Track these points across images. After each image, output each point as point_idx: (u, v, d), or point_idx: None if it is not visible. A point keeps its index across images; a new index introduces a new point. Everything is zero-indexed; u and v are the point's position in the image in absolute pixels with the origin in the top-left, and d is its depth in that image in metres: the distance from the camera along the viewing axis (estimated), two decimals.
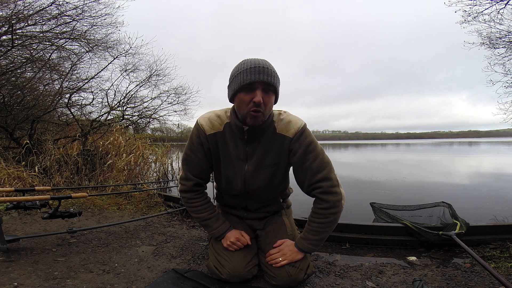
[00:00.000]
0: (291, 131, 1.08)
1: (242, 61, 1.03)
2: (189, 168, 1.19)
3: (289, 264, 1.11)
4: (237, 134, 1.10)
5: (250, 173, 1.13)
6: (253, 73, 0.96)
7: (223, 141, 1.13)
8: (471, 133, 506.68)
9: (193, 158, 1.17)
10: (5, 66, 4.12)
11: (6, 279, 1.16)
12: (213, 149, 1.15)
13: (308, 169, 1.08)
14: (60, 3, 4.17)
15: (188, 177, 1.20)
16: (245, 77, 0.96)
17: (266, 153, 1.11)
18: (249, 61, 1.00)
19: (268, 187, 1.18)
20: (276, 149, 1.10)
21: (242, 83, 0.97)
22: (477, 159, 10.30)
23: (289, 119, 1.10)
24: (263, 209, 1.30)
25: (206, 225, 1.24)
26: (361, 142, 76.03)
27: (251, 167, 1.13)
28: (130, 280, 1.19)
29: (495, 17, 5.31)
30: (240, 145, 1.11)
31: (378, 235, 1.66)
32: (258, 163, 1.12)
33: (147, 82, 5.78)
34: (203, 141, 1.13)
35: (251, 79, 0.96)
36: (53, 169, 3.51)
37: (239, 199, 1.26)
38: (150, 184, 3.67)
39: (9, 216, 2.15)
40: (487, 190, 3.99)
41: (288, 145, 1.09)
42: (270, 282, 1.14)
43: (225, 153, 1.14)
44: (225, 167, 1.17)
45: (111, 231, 1.87)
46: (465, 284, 1.17)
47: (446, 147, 23.77)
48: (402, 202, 2.32)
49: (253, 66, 0.97)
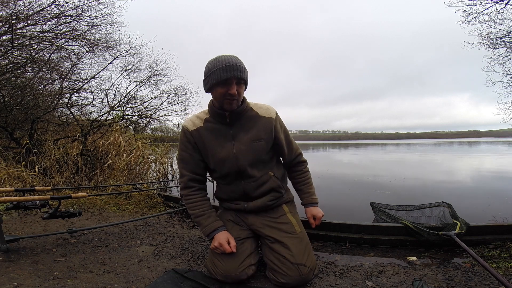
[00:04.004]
0: (272, 114, 1.31)
1: (216, 59, 1.18)
2: (183, 165, 1.32)
3: (301, 263, 1.15)
4: (219, 120, 1.27)
5: (240, 150, 1.26)
6: (228, 70, 1.14)
7: (207, 132, 1.28)
8: (471, 133, 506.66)
9: (184, 155, 1.31)
10: (5, 66, 4.12)
11: (6, 279, 1.16)
12: (199, 142, 1.29)
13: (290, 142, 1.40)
14: (60, 3, 4.17)
15: (183, 174, 1.32)
16: (222, 74, 1.14)
17: (250, 131, 1.27)
18: (223, 59, 1.16)
19: (258, 160, 1.29)
20: (260, 127, 1.28)
21: (219, 79, 1.15)
22: (477, 159, 10.30)
23: (266, 106, 1.34)
24: (260, 189, 1.29)
25: (198, 223, 1.29)
26: (360, 142, 76.03)
27: (239, 145, 1.26)
28: (130, 280, 1.19)
29: (495, 17, 5.31)
30: (224, 130, 1.27)
31: (378, 235, 1.66)
32: (244, 140, 1.26)
33: (147, 82, 5.78)
34: (189, 138, 1.29)
35: (227, 76, 1.14)
36: (53, 169, 3.51)
37: (235, 183, 1.31)
38: (150, 184, 3.67)
39: (9, 216, 2.15)
40: (487, 190, 4.00)
41: (273, 123, 1.30)
42: (278, 280, 1.14)
43: (211, 141, 1.27)
44: (215, 152, 1.27)
45: (111, 231, 1.87)
46: (465, 284, 1.17)
47: (446, 147, 23.78)
48: (402, 202, 2.32)
49: (228, 64, 1.14)
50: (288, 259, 1.15)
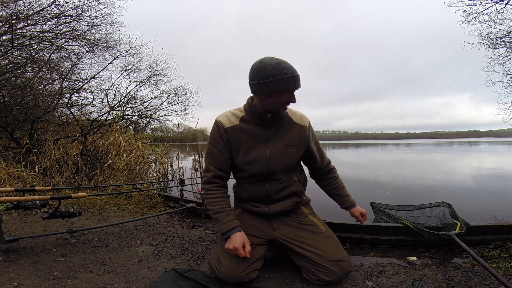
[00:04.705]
0: (305, 122, 1.35)
1: (279, 65, 1.14)
2: (210, 160, 1.31)
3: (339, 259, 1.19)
4: (258, 122, 1.26)
5: (273, 154, 1.27)
6: (294, 81, 1.15)
7: (242, 131, 1.27)
8: (471, 133, 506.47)
9: (213, 150, 1.30)
10: (5, 66, 4.12)
11: (6, 279, 1.16)
12: (233, 140, 1.27)
13: (321, 149, 1.44)
14: (60, 3, 4.17)
15: (209, 168, 1.31)
16: (291, 84, 1.15)
17: (285, 136, 1.29)
18: (288, 67, 1.14)
19: (287, 165, 1.31)
20: (294, 134, 1.31)
21: (288, 88, 1.15)
22: (477, 159, 10.30)
23: (300, 113, 1.37)
24: (283, 192, 1.31)
25: (216, 219, 1.25)
26: (360, 142, 75.96)
27: (273, 149, 1.27)
28: (130, 280, 1.19)
29: (495, 17, 5.31)
30: (260, 131, 1.27)
31: (378, 235, 1.66)
32: (278, 145, 1.28)
33: (147, 82, 5.78)
34: (222, 134, 1.27)
35: (295, 87, 1.16)
36: (53, 169, 3.51)
37: (260, 183, 1.31)
38: (150, 184, 3.67)
39: (9, 216, 2.15)
40: (487, 190, 4.00)
41: (307, 131, 1.34)
42: (322, 278, 1.16)
43: (246, 140, 1.27)
44: (248, 153, 1.27)
45: (111, 231, 1.87)
46: (465, 284, 1.17)
47: (446, 147, 23.77)
48: (402, 202, 2.32)
49: (292, 75, 1.14)
50: (325, 258, 1.17)
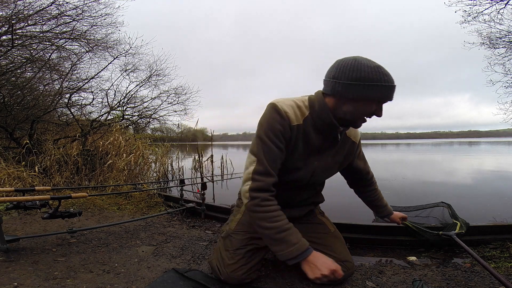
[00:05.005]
0: (357, 138, 1.23)
1: (380, 70, 0.92)
2: (269, 159, 0.99)
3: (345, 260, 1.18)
4: (321, 130, 1.06)
5: (320, 167, 1.14)
6: (391, 91, 0.94)
7: (302, 135, 1.06)
8: (471, 133, 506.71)
9: (273, 148, 1.00)
10: (5, 66, 4.12)
11: (6, 279, 1.16)
12: (294, 140, 1.05)
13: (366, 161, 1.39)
14: (60, 3, 4.18)
15: (268, 172, 0.99)
16: (385, 93, 0.93)
17: (339, 151, 1.17)
18: (387, 74, 0.93)
19: (327, 178, 1.26)
20: (346, 151, 1.20)
21: (379, 96, 0.93)
22: (477, 159, 10.29)
23: None
24: (306, 201, 1.28)
25: (281, 239, 0.97)
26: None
27: (321, 163, 1.14)
28: (130, 280, 1.19)
29: (495, 17, 5.33)
30: (318, 141, 1.08)
31: (378, 235, 1.66)
32: (329, 160, 1.16)
33: (147, 82, 5.80)
34: (286, 130, 1.02)
35: (390, 98, 0.95)
36: (53, 169, 3.51)
37: (288, 190, 1.16)
38: (150, 184, 3.67)
39: (9, 216, 2.15)
40: (487, 190, 4.00)
41: (356, 148, 1.24)
42: None
43: (300, 146, 1.08)
44: (297, 159, 1.09)
45: (111, 231, 1.87)
46: (465, 284, 1.17)
47: (446, 147, 23.76)
48: (402, 202, 2.32)
49: (392, 84, 0.93)
50: (336, 258, 1.14)
